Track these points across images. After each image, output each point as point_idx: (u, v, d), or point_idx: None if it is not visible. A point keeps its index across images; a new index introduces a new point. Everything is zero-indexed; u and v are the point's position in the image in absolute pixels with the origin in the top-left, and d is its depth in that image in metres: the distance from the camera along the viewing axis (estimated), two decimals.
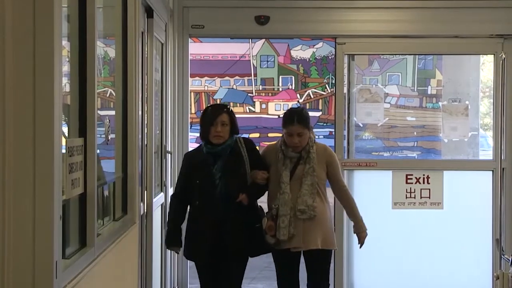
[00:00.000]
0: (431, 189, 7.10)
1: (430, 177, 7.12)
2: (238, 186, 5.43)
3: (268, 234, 5.51)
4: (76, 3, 3.72)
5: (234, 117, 5.56)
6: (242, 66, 12.51)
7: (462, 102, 8.60)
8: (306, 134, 5.57)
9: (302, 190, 5.52)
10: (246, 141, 5.63)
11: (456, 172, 7.31)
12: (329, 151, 5.73)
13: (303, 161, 5.58)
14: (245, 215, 5.47)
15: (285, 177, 5.55)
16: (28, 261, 2.84)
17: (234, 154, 5.48)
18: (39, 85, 2.84)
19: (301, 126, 5.55)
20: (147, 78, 5.79)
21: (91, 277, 3.63)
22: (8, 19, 2.77)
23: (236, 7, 7.12)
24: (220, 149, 5.46)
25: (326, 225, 5.63)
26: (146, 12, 5.76)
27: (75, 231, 3.72)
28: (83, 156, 3.62)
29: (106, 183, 4.50)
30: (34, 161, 2.84)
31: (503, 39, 7.07)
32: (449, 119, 7.62)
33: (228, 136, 5.47)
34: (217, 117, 5.43)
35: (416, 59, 12.23)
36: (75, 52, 3.71)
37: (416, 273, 7.16)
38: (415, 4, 7.13)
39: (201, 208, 5.48)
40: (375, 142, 11.92)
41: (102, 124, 4.42)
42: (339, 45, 7.14)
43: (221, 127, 5.43)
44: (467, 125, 7.69)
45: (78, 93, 3.74)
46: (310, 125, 5.62)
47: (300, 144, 5.56)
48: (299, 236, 5.54)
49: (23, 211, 2.83)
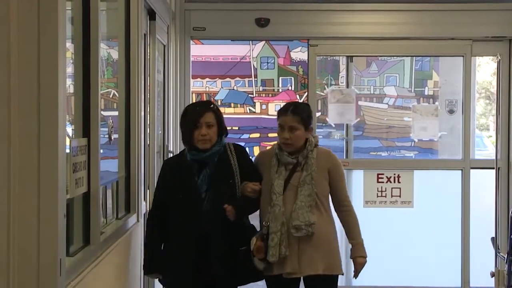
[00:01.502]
0: (402, 188, 7.11)
1: (401, 176, 7.11)
2: (228, 201, 4.39)
3: (256, 257, 4.44)
4: (80, 6, 3.73)
5: (221, 115, 4.57)
6: (243, 68, 12.49)
7: (458, 103, 8.60)
8: (301, 131, 4.52)
9: (297, 203, 4.45)
10: (237, 147, 4.61)
11: (426, 171, 7.33)
12: (333, 157, 4.65)
13: (300, 168, 4.53)
14: (235, 236, 4.44)
15: (277, 186, 4.49)
16: (33, 258, 2.84)
17: (222, 162, 4.49)
18: (43, 86, 2.84)
19: (295, 119, 4.52)
20: (150, 79, 5.79)
21: (94, 275, 3.63)
22: (13, 21, 2.77)
23: (237, 10, 7.13)
24: (207, 156, 4.46)
25: (329, 245, 4.54)
26: (149, 14, 5.76)
27: (79, 229, 3.72)
28: (87, 155, 3.62)
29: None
30: (38, 161, 2.84)
31: (471, 41, 7.08)
32: (419, 119, 7.62)
33: (216, 138, 4.49)
34: (200, 117, 4.44)
35: (413, 60, 12.23)
36: (79, 54, 3.71)
37: (387, 271, 7.18)
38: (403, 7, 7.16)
39: (183, 227, 4.43)
40: (372, 141, 11.91)
41: (106, 124, 4.42)
42: (312, 47, 7.16)
43: (206, 129, 4.44)
44: (437, 125, 7.70)
45: (82, 94, 3.74)
46: (309, 124, 4.59)
47: (291, 142, 4.52)
48: (293, 258, 4.47)
49: (28, 209, 2.83)
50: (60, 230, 2.90)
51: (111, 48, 4.77)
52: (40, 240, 2.84)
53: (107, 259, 3.96)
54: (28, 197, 2.82)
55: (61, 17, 2.89)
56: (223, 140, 4.55)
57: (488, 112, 17.37)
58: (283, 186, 4.51)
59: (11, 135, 2.77)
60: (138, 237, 5.04)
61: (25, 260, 2.82)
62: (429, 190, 7.30)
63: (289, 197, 4.49)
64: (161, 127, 6.49)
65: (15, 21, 2.78)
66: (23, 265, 2.81)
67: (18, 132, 2.80)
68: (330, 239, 4.55)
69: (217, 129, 4.49)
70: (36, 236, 2.84)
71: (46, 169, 2.84)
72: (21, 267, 2.81)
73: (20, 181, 2.81)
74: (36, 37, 2.83)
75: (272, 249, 4.41)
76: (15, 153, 2.79)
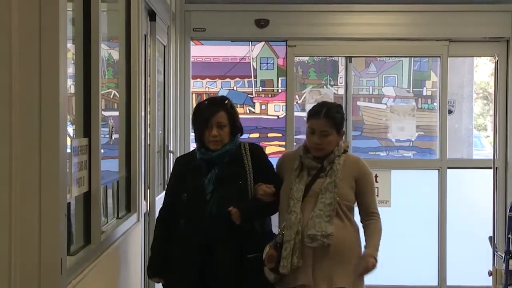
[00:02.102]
0: (380, 187, 7.10)
1: (378, 176, 7.11)
2: (235, 204, 4.02)
3: (266, 267, 4.06)
4: (81, 7, 3.73)
5: (235, 113, 4.26)
6: (242, 68, 12.49)
7: (455, 103, 8.61)
8: (333, 136, 4.15)
9: (315, 210, 4.05)
10: (253, 147, 4.25)
11: (403, 171, 7.33)
12: (361, 164, 4.23)
13: (324, 174, 4.13)
14: (245, 243, 4.06)
15: (296, 192, 4.09)
16: (35, 257, 2.84)
17: (234, 162, 4.15)
18: (44, 86, 2.84)
19: (329, 123, 4.13)
20: (150, 80, 5.79)
21: (95, 274, 3.63)
22: (14, 22, 2.77)
23: (237, 11, 7.14)
24: (216, 155, 4.13)
25: (349, 258, 4.09)
26: (149, 15, 5.76)
27: (79, 228, 3.72)
28: (88, 155, 3.62)
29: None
30: (40, 161, 2.84)
31: (448, 41, 7.08)
32: (396, 119, 7.61)
33: (229, 138, 4.17)
34: (212, 117, 4.13)
35: (412, 61, 12.24)
36: (79, 55, 3.71)
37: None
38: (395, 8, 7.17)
39: (186, 230, 4.11)
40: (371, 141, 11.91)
41: (106, 124, 4.42)
42: (290, 48, 7.15)
43: (217, 130, 4.13)
44: (414, 125, 7.69)
45: (82, 94, 3.74)
46: (342, 127, 4.21)
47: (322, 147, 4.14)
48: (307, 270, 4.06)
49: (30, 209, 2.83)
50: (61, 230, 2.90)
51: (111, 49, 4.77)
52: (42, 239, 2.84)
53: (108, 258, 3.96)
54: (29, 197, 2.82)
55: (62, 18, 2.89)
56: (236, 139, 4.20)
57: (486, 112, 17.37)
58: (303, 192, 4.11)
59: (13, 135, 2.77)
60: (139, 237, 5.04)
61: (27, 259, 2.82)
62: (407, 190, 7.29)
63: (309, 204, 4.09)
64: (161, 127, 6.49)
65: (17, 22, 2.78)
66: (24, 264, 2.81)
67: (20, 132, 2.80)
68: (350, 252, 4.11)
69: (229, 129, 4.16)
70: (37, 235, 2.84)
71: (47, 169, 2.84)
72: (22, 266, 2.81)
73: (22, 181, 2.81)
74: (37, 38, 2.83)
75: (284, 260, 4.02)
76: (16, 153, 2.79)
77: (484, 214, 6.98)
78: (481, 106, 16.96)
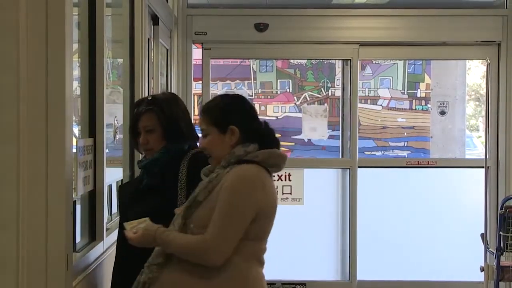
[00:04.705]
0: (292, 186, 7.07)
1: (291, 175, 7.08)
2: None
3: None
4: (86, 11, 3.73)
5: (173, 112, 3.35)
6: (243, 71, 12.48)
7: (448, 105, 8.61)
8: (214, 135, 2.97)
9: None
10: (192, 160, 3.27)
11: (314, 169, 7.26)
12: (231, 175, 2.87)
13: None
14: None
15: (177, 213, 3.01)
16: (41, 254, 2.84)
17: (158, 174, 3.31)
18: (51, 88, 2.84)
19: (204, 120, 3.00)
20: (153, 82, 5.79)
21: (100, 270, 3.63)
22: (22, 26, 2.78)
23: (237, 15, 7.14)
24: (143, 165, 3.37)
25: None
26: (152, 19, 5.76)
27: (85, 226, 3.72)
28: (93, 155, 3.63)
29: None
30: (46, 160, 2.84)
31: (358, 45, 7.08)
32: (308, 120, 7.59)
33: (162, 144, 3.32)
34: (137, 121, 3.37)
35: (406, 64, 12.25)
36: (85, 57, 3.71)
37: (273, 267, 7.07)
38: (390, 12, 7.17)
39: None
40: (366, 142, 11.92)
41: (111, 125, 4.42)
42: (206, 50, 7.11)
43: (145, 135, 3.33)
44: (325, 126, 7.67)
45: (88, 95, 3.74)
46: (228, 124, 2.96)
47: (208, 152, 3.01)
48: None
49: (37, 207, 2.83)
50: (67, 227, 2.90)
51: (115, 52, 4.77)
52: (48, 236, 2.85)
53: (112, 254, 3.96)
54: (37, 195, 2.82)
55: (68, 22, 2.89)
56: (175, 146, 3.32)
57: (478, 113, 17.39)
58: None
59: (20, 135, 2.77)
60: None
61: (34, 256, 2.82)
62: (319, 188, 7.23)
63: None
64: None
65: (24, 26, 2.79)
66: (32, 261, 2.81)
67: (27, 133, 2.80)
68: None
69: (161, 133, 3.33)
70: (44, 232, 2.84)
71: (54, 168, 2.84)
72: (30, 262, 2.81)
73: (29, 179, 2.81)
74: (44, 41, 2.83)
75: None
76: (24, 153, 2.79)
77: (476, 211, 6.98)
78: (473, 108, 16.96)
